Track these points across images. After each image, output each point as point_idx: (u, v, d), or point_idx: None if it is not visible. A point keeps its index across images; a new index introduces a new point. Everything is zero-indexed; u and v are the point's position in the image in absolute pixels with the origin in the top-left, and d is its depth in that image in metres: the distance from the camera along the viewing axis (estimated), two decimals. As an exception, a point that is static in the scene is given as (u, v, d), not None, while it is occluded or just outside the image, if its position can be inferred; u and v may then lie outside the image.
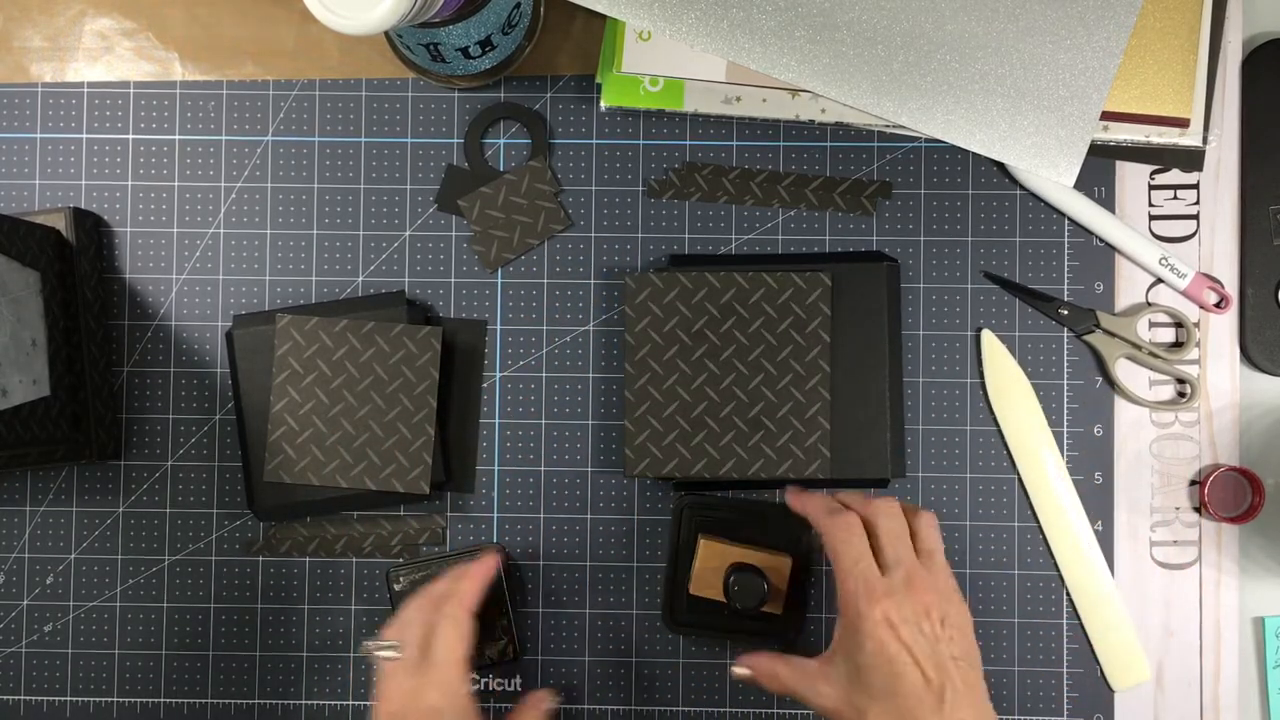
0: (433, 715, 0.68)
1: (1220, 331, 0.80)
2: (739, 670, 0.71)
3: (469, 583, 0.73)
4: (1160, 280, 0.81)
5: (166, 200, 0.83)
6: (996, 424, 0.81)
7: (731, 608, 0.76)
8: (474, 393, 0.82)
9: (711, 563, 0.77)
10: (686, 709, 0.81)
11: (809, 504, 0.73)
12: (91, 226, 0.82)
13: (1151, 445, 0.81)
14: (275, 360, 0.78)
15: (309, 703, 0.82)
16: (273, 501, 0.79)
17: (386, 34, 0.80)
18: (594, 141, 0.82)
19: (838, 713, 0.66)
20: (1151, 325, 0.81)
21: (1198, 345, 0.80)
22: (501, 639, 0.80)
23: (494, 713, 0.82)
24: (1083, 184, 0.80)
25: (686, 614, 0.79)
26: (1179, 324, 0.81)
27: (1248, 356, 0.80)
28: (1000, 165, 0.81)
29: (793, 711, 0.81)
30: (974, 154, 0.80)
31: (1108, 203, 0.81)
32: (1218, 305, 0.80)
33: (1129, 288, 0.81)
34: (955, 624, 0.66)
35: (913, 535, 0.70)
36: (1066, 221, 0.81)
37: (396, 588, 0.80)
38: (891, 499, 0.71)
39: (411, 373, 0.78)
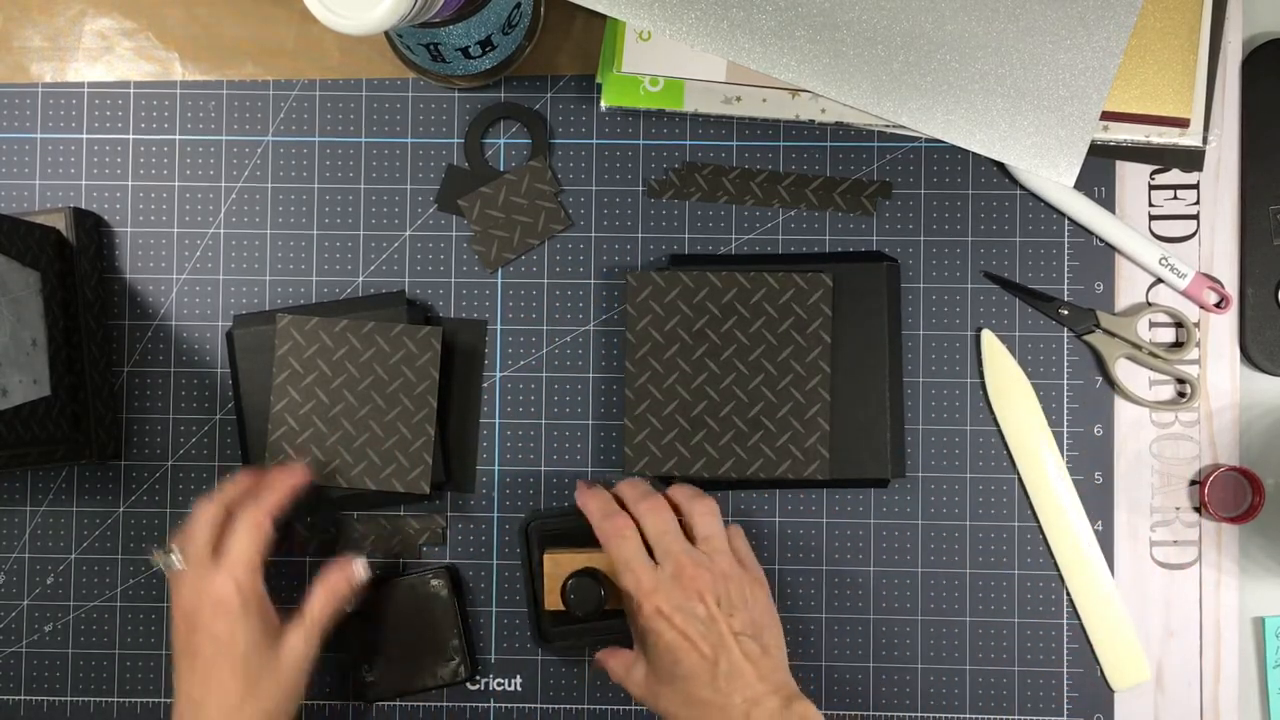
0: (221, 606, 0.70)
1: (1220, 331, 0.80)
2: (600, 658, 0.76)
3: (271, 492, 0.74)
4: (1160, 280, 0.81)
5: (166, 200, 0.83)
6: (996, 424, 0.81)
7: (574, 615, 0.74)
8: (474, 393, 0.82)
9: (559, 575, 0.76)
10: (686, 709, 0.81)
11: (589, 504, 0.75)
12: (91, 226, 0.82)
13: (1151, 445, 0.81)
14: (275, 360, 0.78)
15: (309, 703, 0.82)
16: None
17: (386, 34, 0.80)
18: (594, 141, 0.82)
19: (644, 699, 0.72)
20: (1151, 325, 0.81)
21: (1198, 345, 0.81)
22: (453, 659, 0.80)
23: (494, 713, 0.81)
24: (1083, 184, 0.80)
25: (554, 630, 0.79)
26: (1179, 324, 0.81)
27: (1248, 356, 0.80)
28: (1000, 165, 0.81)
29: (793, 711, 0.81)
30: (974, 154, 0.80)
31: (1108, 203, 0.81)
32: (1218, 305, 0.80)
33: (1129, 288, 0.81)
34: (735, 601, 0.71)
35: (690, 525, 0.74)
36: (1066, 221, 0.81)
37: (348, 608, 0.80)
38: (657, 496, 0.75)
39: (411, 373, 0.78)
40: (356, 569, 0.76)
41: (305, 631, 0.73)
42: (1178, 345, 0.81)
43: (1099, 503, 0.80)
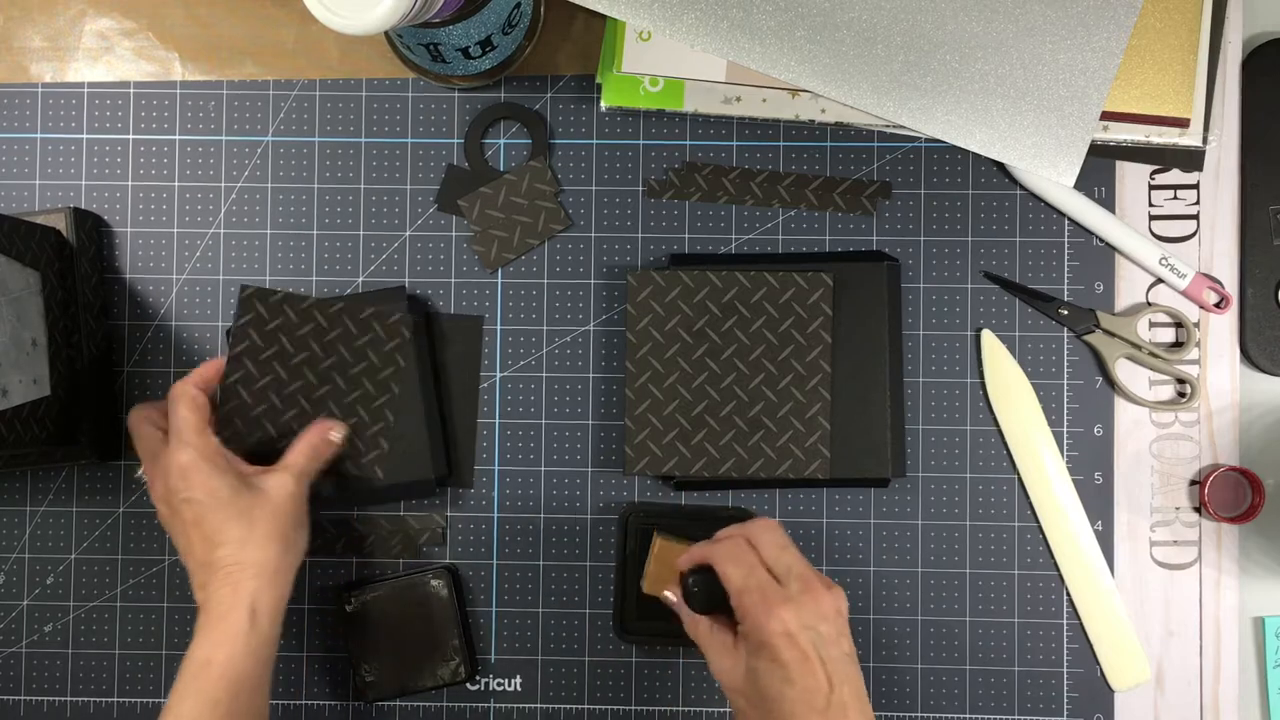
0: (186, 471, 0.71)
1: (1220, 331, 0.80)
2: (668, 595, 0.74)
3: (192, 373, 0.76)
4: (1160, 280, 0.81)
5: (166, 200, 0.83)
6: (996, 424, 0.81)
7: (691, 606, 0.72)
8: (472, 387, 0.82)
9: (666, 561, 0.76)
10: (686, 709, 0.81)
11: (693, 551, 0.73)
12: (91, 226, 0.82)
13: (1151, 445, 0.81)
14: (234, 330, 0.78)
15: (309, 703, 0.82)
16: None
17: (386, 34, 0.80)
18: (594, 141, 0.82)
19: (728, 689, 0.69)
20: (1151, 325, 0.81)
21: (1198, 345, 0.81)
22: (453, 659, 0.80)
23: (494, 713, 0.81)
24: (1083, 184, 0.81)
25: (636, 622, 0.80)
26: (1179, 324, 0.81)
27: (1248, 356, 0.80)
28: (1000, 165, 0.81)
29: (793, 711, 0.81)
30: (974, 154, 0.80)
31: (1108, 203, 0.81)
32: (1218, 305, 0.80)
33: (1129, 288, 0.81)
34: (842, 623, 0.69)
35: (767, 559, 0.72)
36: (1066, 221, 0.81)
37: (348, 608, 0.80)
38: (767, 519, 0.72)
39: (377, 357, 0.78)
40: (335, 430, 0.77)
41: (287, 472, 0.73)
42: (1178, 345, 0.81)
43: (1099, 503, 0.80)
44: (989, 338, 0.81)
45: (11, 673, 0.82)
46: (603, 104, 0.80)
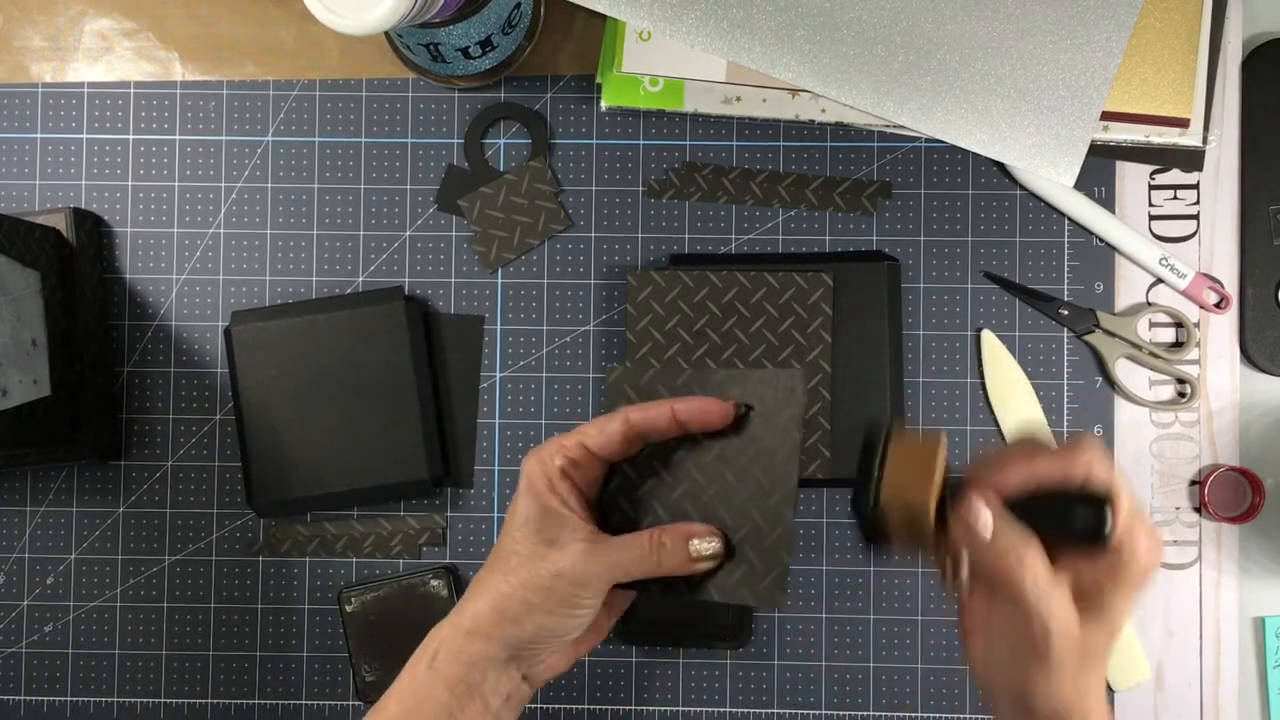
0: (520, 481, 0.63)
1: (1220, 331, 0.80)
2: (980, 512, 0.57)
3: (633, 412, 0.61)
4: (1160, 280, 0.81)
5: (166, 200, 0.83)
6: (996, 424, 0.81)
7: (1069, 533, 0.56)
8: (472, 387, 0.82)
9: (925, 468, 0.58)
10: (686, 709, 0.81)
11: (1044, 459, 0.58)
12: (91, 226, 0.82)
13: (1151, 445, 0.81)
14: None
15: (309, 703, 0.82)
16: (272, 498, 0.79)
17: (386, 34, 0.80)
18: (594, 141, 0.82)
19: (1066, 640, 0.56)
20: (1151, 325, 0.81)
21: (1198, 345, 0.81)
22: None
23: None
24: (1083, 184, 0.80)
25: (636, 621, 0.80)
26: (1179, 324, 0.81)
27: (1248, 356, 0.80)
28: (1000, 165, 0.81)
29: (791, 712, 0.81)
30: (974, 154, 0.80)
31: (1108, 203, 0.81)
32: (1218, 305, 0.80)
33: (1129, 288, 0.81)
34: None
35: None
36: (1066, 221, 0.81)
37: (348, 608, 0.80)
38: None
39: (772, 436, 0.62)
40: (703, 541, 0.60)
41: (597, 550, 0.60)
42: (1178, 345, 0.81)
43: (1099, 503, 0.80)
44: (989, 338, 0.81)
45: (11, 673, 0.82)
46: (603, 104, 0.80)
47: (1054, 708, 0.57)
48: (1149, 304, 0.81)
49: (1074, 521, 0.56)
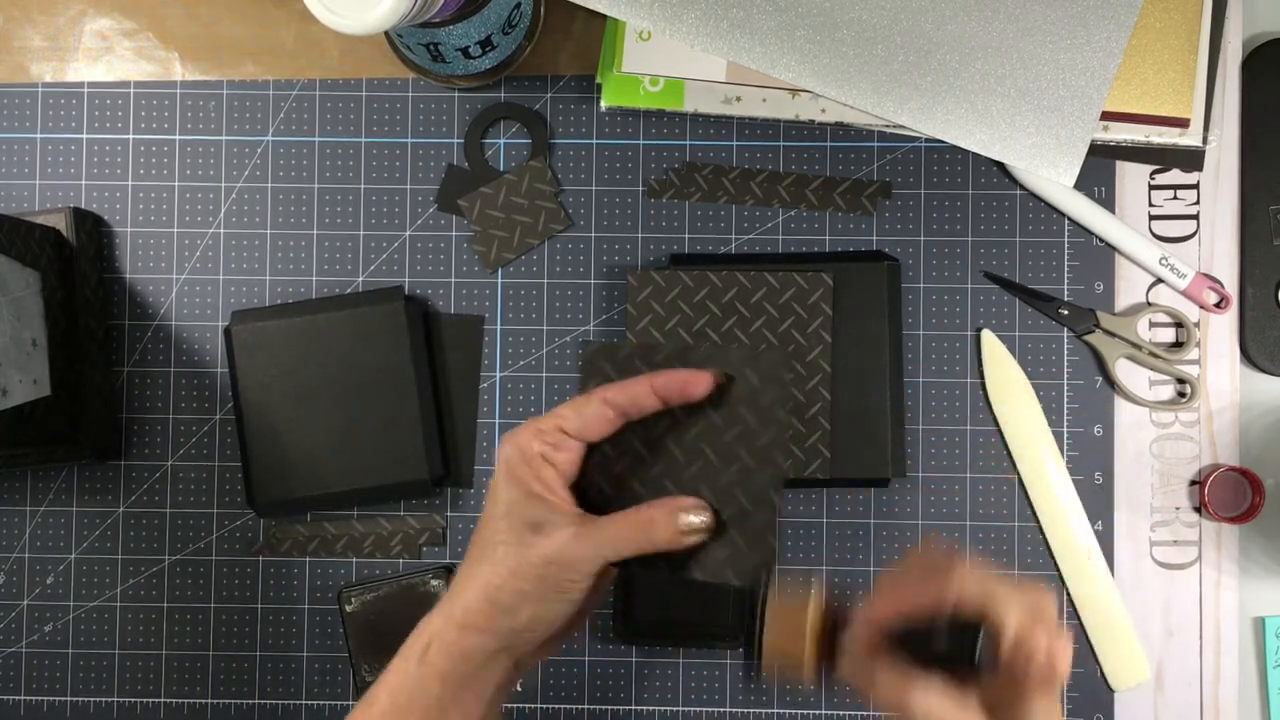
0: (498, 466, 0.61)
1: (1220, 331, 0.80)
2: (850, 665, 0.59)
3: (632, 383, 0.60)
4: (1160, 280, 0.81)
5: (166, 200, 0.83)
6: (996, 424, 0.81)
7: (968, 665, 0.55)
8: (472, 387, 0.82)
9: (795, 621, 0.60)
10: (686, 709, 0.81)
11: (900, 590, 0.58)
12: (91, 226, 0.82)
13: (1151, 445, 0.81)
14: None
15: (309, 703, 0.82)
16: (272, 498, 0.79)
17: (386, 34, 0.80)
18: (594, 141, 0.82)
19: None
20: (1151, 325, 0.81)
21: (1198, 345, 0.81)
22: None
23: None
24: (1083, 184, 0.80)
25: (636, 621, 0.79)
26: (1179, 324, 0.81)
27: (1248, 356, 0.80)
28: (1000, 165, 0.81)
29: (791, 712, 0.81)
30: (974, 154, 0.80)
31: (1108, 203, 0.81)
32: (1218, 305, 0.80)
33: (1129, 288, 0.81)
34: None
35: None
36: (1066, 221, 0.81)
37: (348, 608, 0.80)
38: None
39: (753, 417, 0.62)
40: (693, 513, 0.59)
41: (586, 532, 0.58)
42: (1178, 345, 0.81)
43: (1099, 503, 0.80)
44: (989, 338, 0.81)
45: (11, 673, 0.82)
46: (603, 104, 0.80)
47: None
48: (1149, 304, 0.81)
49: (943, 650, 0.55)
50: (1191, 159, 0.80)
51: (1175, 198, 0.81)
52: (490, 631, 0.60)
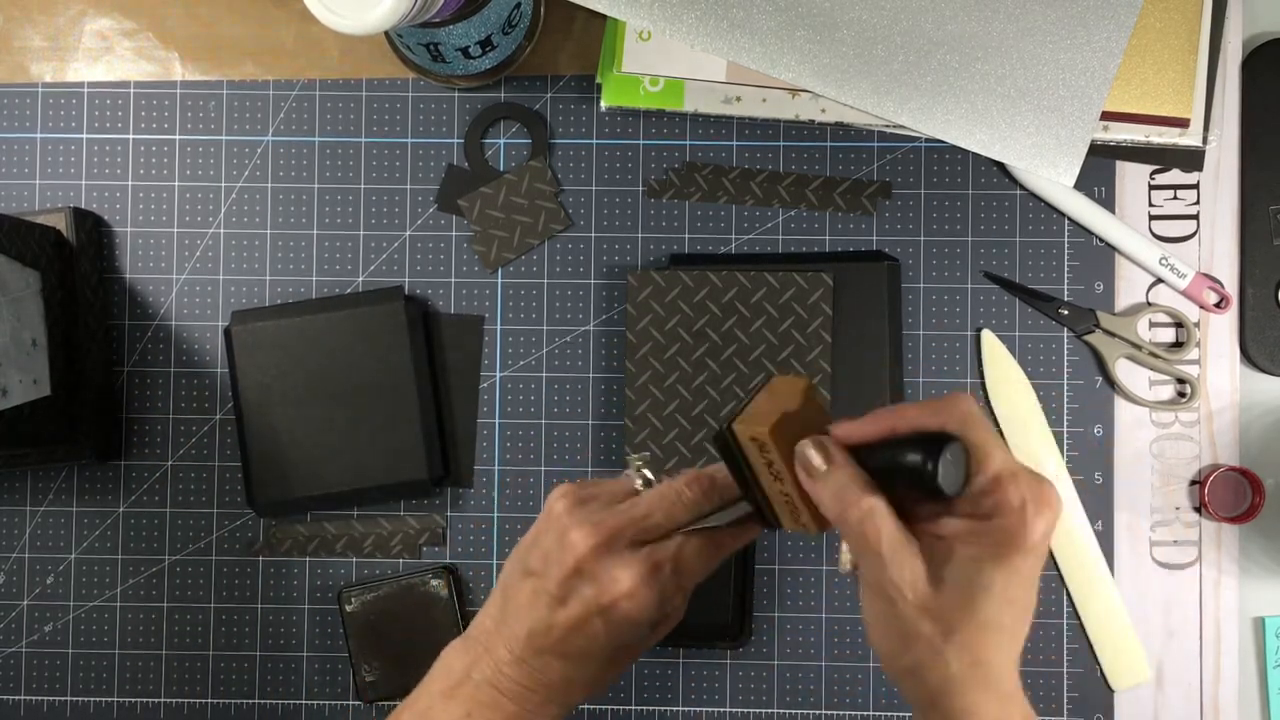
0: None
1: (1220, 331, 0.80)
2: (814, 449, 0.54)
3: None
4: (1160, 280, 0.81)
5: (166, 200, 0.83)
6: (997, 424, 0.81)
7: (939, 492, 0.51)
8: (472, 387, 0.82)
9: (784, 408, 0.54)
10: (686, 709, 0.81)
11: (900, 411, 0.54)
12: (91, 226, 0.82)
13: (1151, 445, 0.81)
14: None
15: (309, 703, 0.82)
16: (272, 498, 0.79)
17: (386, 34, 0.80)
18: (594, 141, 0.82)
19: (906, 606, 0.52)
20: (1151, 325, 0.81)
21: (1198, 345, 0.81)
22: None
23: None
24: (1083, 184, 0.80)
25: None
26: (1179, 324, 0.81)
27: (1248, 356, 0.80)
28: (1000, 165, 0.81)
29: (791, 712, 0.81)
30: (974, 154, 0.80)
31: (1108, 203, 0.81)
32: (1218, 305, 0.80)
33: (1129, 288, 0.81)
34: None
35: None
36: (1066, 221, 0.81)
37: (348, 608, 0.80)
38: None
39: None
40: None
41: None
42: (1178, 345, 0.81)
43: (1099, 503, 0.80)
44: (989, 338, 0.81)
45: (11, 673, 0.82)
46: (603, 104, 0.80)
47: (937, 683, 0.52)
48: (1149, 304, 0.81)
49: (904, 462, 0.50)
50: (1191, 159, 0.80)
51: (1175, 198, 0.81)
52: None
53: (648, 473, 0.63)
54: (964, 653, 0.51)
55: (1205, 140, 0.78)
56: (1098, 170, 0.81)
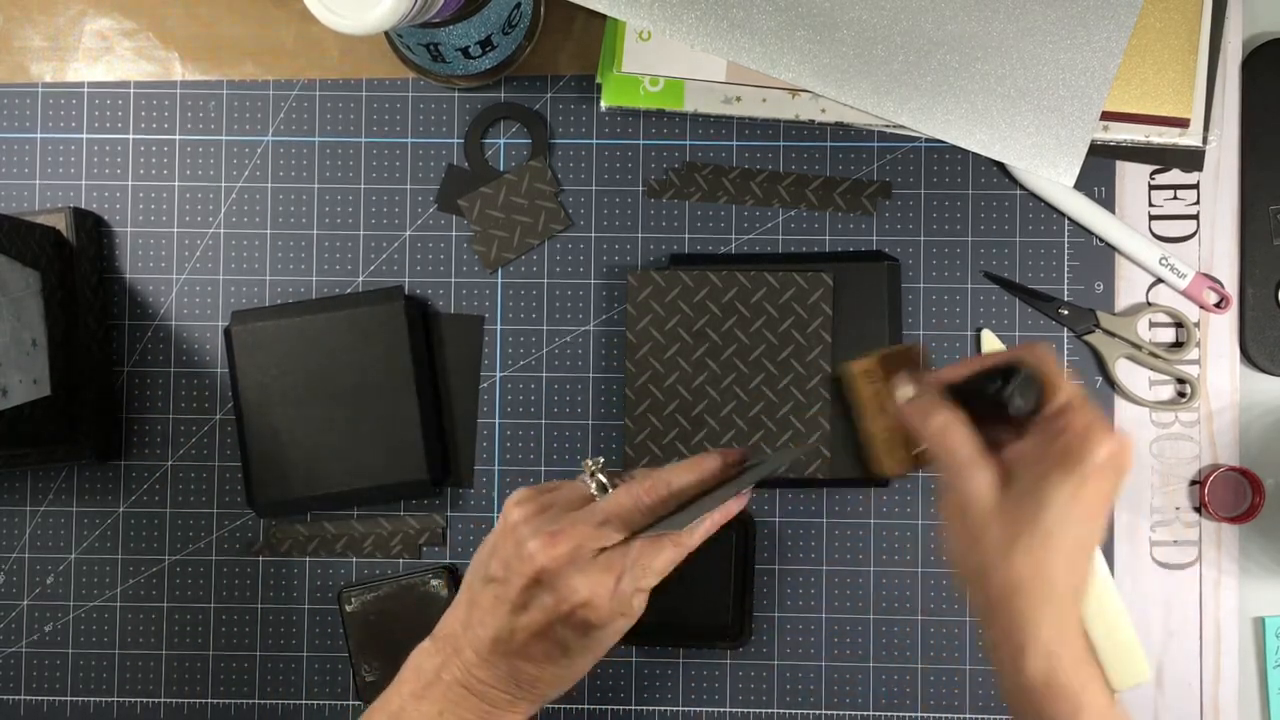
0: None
1: (1220, 331, 0.80)
2: (901, 382, 0.63)
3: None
4: (1160, 280, 0.81)
5: (166, 200, 0.83)
6: (996, 424, 0.81)
7: (1008, 410, 0.59)
8: (472, 387, 0.82)
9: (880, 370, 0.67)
10: (686, 709, 0.81)
11: (985, 356, 0.63)
12: (91, 226, 0.82)
13: (1151, 445, 0.81)
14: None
15: (309, 703, 0.82)
16: (272, 498, 0.79)
17: (386, 34, 0.80)
18: (594, 141, 0.82)
19: (980, 514, 0.58)
20: (1151, 325, 0.81)
21: (1198, 345, 0.81)
22: None
23: None
24: (1083, 184, 0.80)
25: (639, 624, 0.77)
26: (1179, 324, 0.81)
27: (1248, 356, 0.80)
28: (1000, 165, 0.81)
29: (791, 712, 0.81)
30: (974, 154, 0.80)
31: (1108, 203, 0.81)
32: (1218, 305, 0.80)
33: (1129, 288, 0.81)
34: None
35: None
36: (1066, 221, 0.81)
37: (348, 608, 0.80)
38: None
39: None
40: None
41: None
42: (1178, 345, 0.81)
43: (1099, 503, 0.80)
44: (989, 338, 0.81)
45: (11, 673, 0.82)
46: (603, 104, 0.80)
47: (999, 587, 0.57)
48: (1149, 304, 0.81)
49: (987, 389, 0.58)
50: (1191, 159, 0.80)
51: (1175, 198, 0.81)
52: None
53: (602, 477, 0.64)
54: (1027, 557, 0.56)
55: (1205, 140, 0.78)
56: (1098, 170, 0.81)
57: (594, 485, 0.64)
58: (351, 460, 0.79)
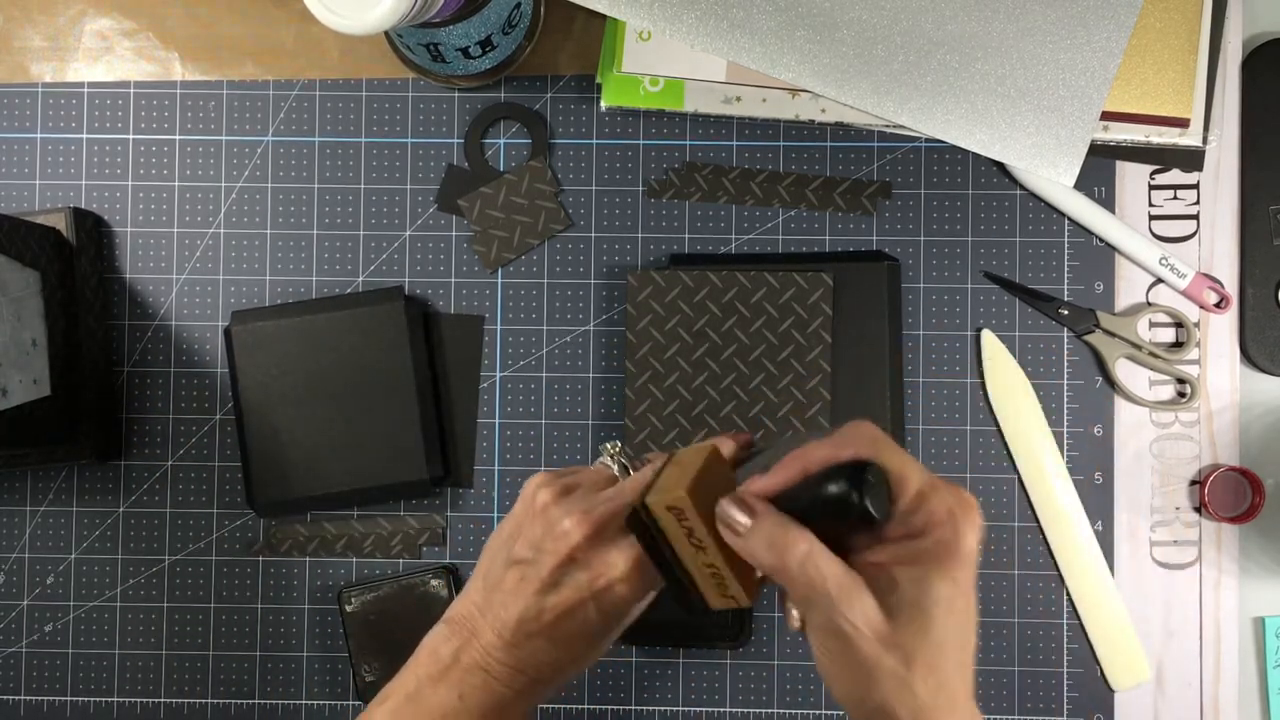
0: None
1: (1220, 331, 0.80)
2: (728, 510, 0.54)
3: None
4: (1160, 280, 0.81)
5: (166, 200, 0.83)
6: (996, 424, 0.81)
7: (869, 518, 0.50)
8: (472, 387, 0.82)
9: (694, 474, 0.54)
10: (686, 709, 0.81)
11: (809, 450, 0.54)
12: (91, 226, 0.82)
13: (1151, 445, 0.81)
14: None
15: (309, 703, 0.82)
16: (272, 498, 0.79)
17: (386, 34, 0.80)
18: (594, 141, 0.82)
19: (867, 641, 0.51)
20: (1151, 325, 0.81)
21: (1198, 345, 0.81)
22: None
23: None
24: (1083, 184, 0.80)
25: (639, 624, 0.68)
26: (1179, 324, 0.81)
27: (1248, 356, 0.80)
28: (1000, 165, 0.81)
29: (791, 712, 0.81)
30: (974, 154, 0.80)
31: (1108, 203, 0.81)
32: (1218, 305, 0.80)
33: (1129, 288, 0.81)
34: None
35: None
36: (1066, 221, 0.81)
37: (348, 608, 0.80)
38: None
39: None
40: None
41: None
42: (1178, 345, 0.81)
43: (1099, 503, 0.80)
44: (989, 338, 0.81)
45: (11, 673, 0.82)
46: (603, 104, 0.80)
47: (907, 718, 0.51)
48: (1149, 304, 0.81)
49: (829, 496, 0.50)
50: (1191, 159, 0.80)
51: (1175, 198, 0.81)
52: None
53: (623, 460, 0.65)
54: (929, 677, 0.51)
55: (1205, 140, 0.78)
56: (1098, 170, 0.81)
57: (616, 467, 0.65)
58: (351, 460, 0.79)
